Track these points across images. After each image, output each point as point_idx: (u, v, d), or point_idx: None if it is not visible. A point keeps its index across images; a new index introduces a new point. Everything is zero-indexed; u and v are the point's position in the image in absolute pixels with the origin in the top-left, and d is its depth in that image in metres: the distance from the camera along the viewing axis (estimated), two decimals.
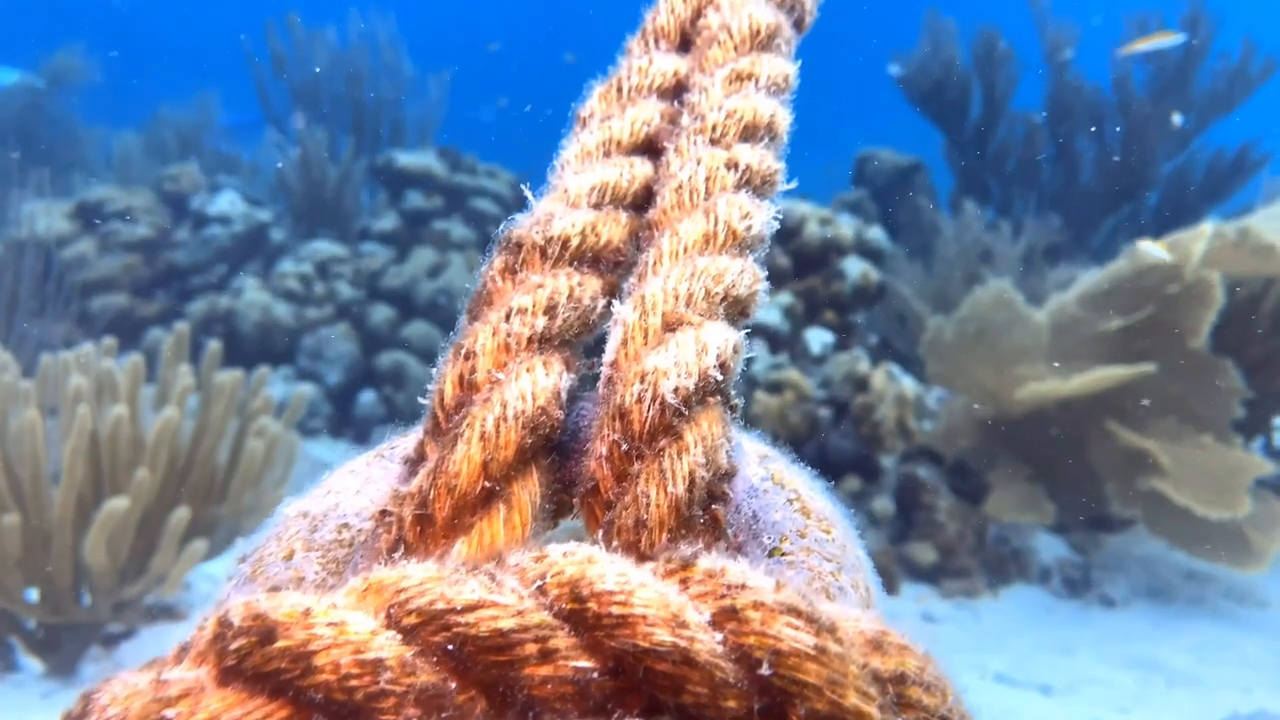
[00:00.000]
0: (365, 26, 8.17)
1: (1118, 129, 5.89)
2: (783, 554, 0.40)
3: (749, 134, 0.50)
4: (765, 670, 0.28)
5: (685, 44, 0.59)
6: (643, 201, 0.50)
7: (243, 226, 5.69)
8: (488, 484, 0.38)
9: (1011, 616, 3.79)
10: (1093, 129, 6.03)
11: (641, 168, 0.51)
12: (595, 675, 0.28)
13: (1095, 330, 3.35)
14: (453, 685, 0.28)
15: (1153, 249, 3.24)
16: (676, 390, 0.38)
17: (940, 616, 3.76)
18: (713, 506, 0.39)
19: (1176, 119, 4.59)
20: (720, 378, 0.41)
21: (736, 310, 0.44)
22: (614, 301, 0.45)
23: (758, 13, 0.55)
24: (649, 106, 0.53)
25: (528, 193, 0.53)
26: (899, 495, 3.59)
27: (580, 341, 0.45)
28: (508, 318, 0.43)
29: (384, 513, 0.40)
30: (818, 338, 3.86)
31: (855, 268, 4.26)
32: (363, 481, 0.46)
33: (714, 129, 0.49)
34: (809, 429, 3.58)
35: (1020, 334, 3.43)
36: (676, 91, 0.56)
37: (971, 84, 6.40)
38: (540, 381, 0.40)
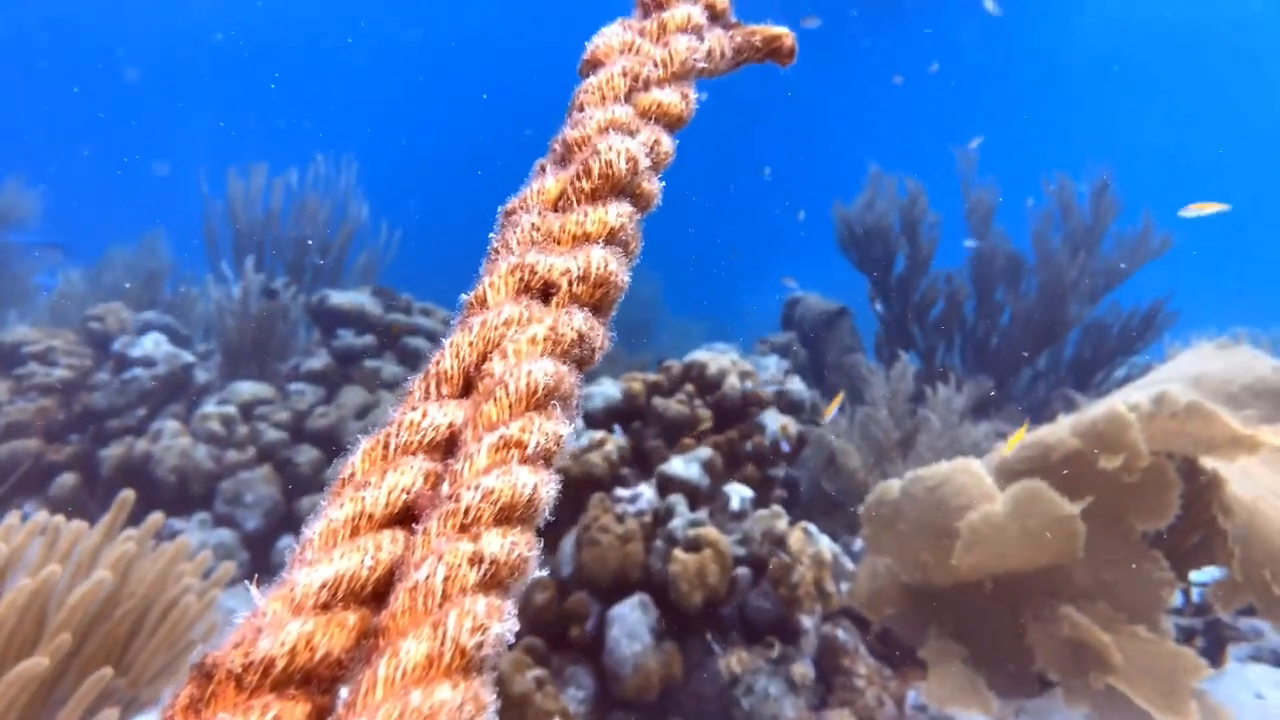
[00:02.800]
0: (325, 170, 8.33)
1: (1034, 284, 6.18)
2: None
3: (504, 517, 0.50)
4: None
5: (469, 387, 0.61)
6: (384, 588, 0.49)
7: (166, 368, 5.61)
8: None
9: None
10: (1011, 283, 6.32)
11: (390, 548, 0.50)
12: None
13: None
14: None
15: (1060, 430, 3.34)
16: None
17: None
18: None
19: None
20: None
21: None
22: None
23: (537, 371, 0.58)
24: (413, 469, 0.54)
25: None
26: (819, 659, 3.55)
27: None
28: None
29: None
30: (737, 493, 3.87)
31: (775, 421, 4.32)
32: None
33: (466, 513, 0.50)
34: (728, 589, 3.55)
35: (971, 505, 3.46)
36: (450, 445, 0.57)
37: (898, 236, 6.70)
38: None
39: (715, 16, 0.97)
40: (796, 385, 4.71)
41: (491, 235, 0.74)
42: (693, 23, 0.91)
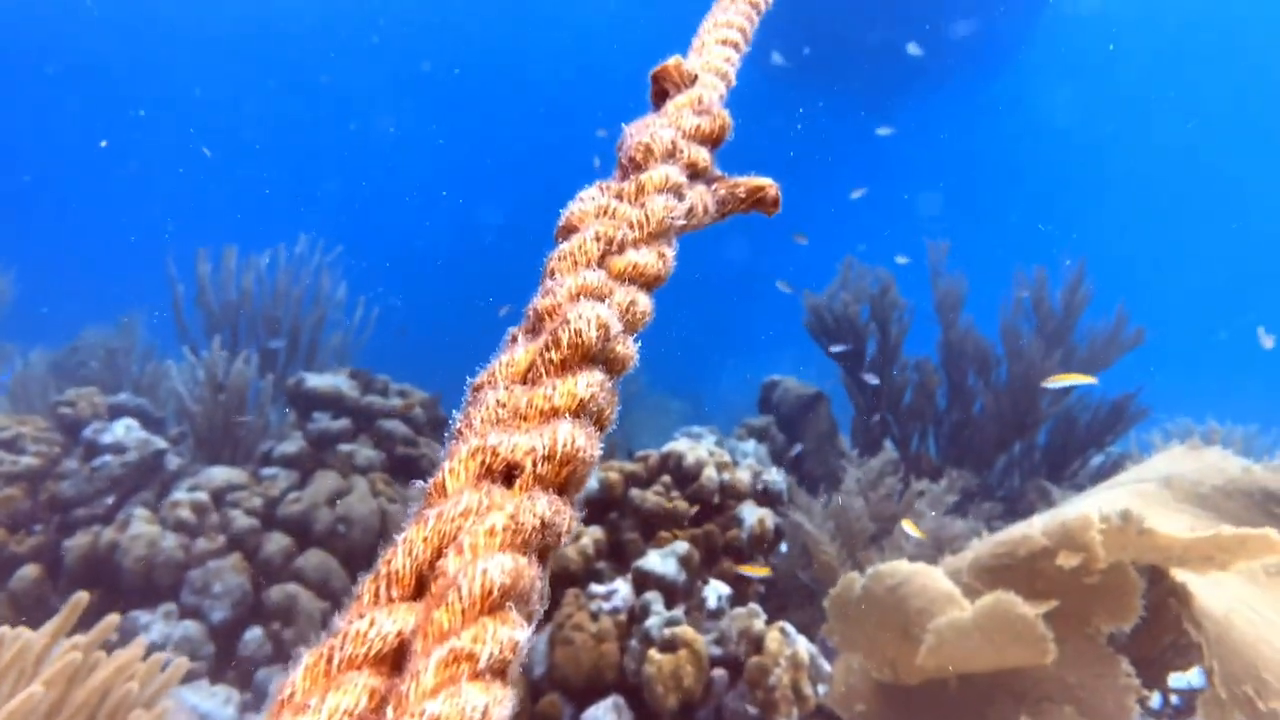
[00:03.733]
0: (304, 250, 8.37)
1: (1005, 374, 6.26)
2: None
3: None
4: None
5: (423, 587, 0.59)
6: None
7: (137, 455, 5.54)
8: None
9: None
10: (982, 373, 6.40)
11: None
12: None
13: None
14: None
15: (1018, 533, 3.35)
16: None
17: None
18: None
19: (1048, 384, 4.94)
20: None
21: None
22: None
23: (493, 569, 0.56)
24: (357, 688, 0.52)
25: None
26: None
27: None
28: None
29: None
30: (714, 590, 3.83)
31: (752, 515, 4.30)
32: None
33: None
34: (704, 691, 3.48)
35: (933, 604, 3.44)
36: (399, 656, 0.55)
37: (867, 324, 6.78)
38: None
39: (697, 174, 0.98)
40: (774, 476, 4.70)
41: (455, 414, 0.73)
42: (671, 182, 0.92)
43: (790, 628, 3.60)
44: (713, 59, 1.16)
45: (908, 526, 4.75)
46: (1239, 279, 40.20)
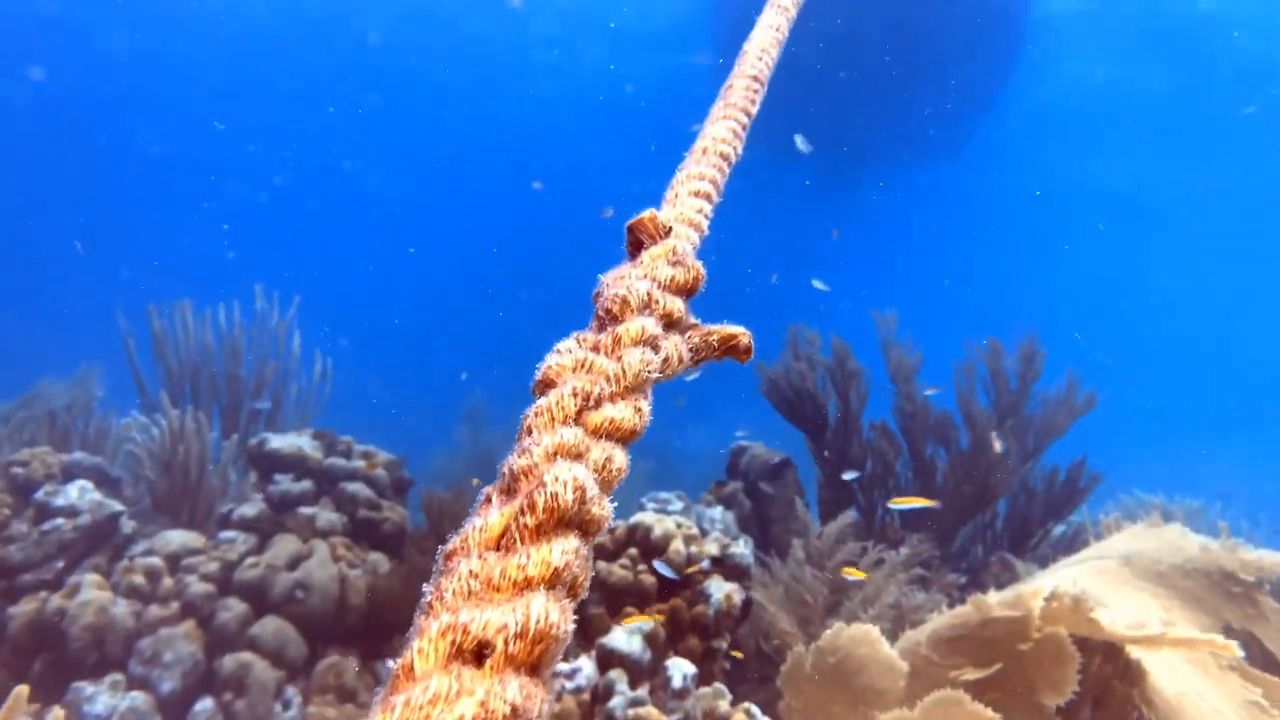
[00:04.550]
0: (263, 304, 8.30)
1: (964, 444, 6.34)
2: None
3: None
4: None
5: None
6: None
7: (90, 518, 5.41)
8: None
9: None
10: (941, 443, 6.47)
11: None
12: None
13: (948, 676, 3.39)
14: None
15: (987, 601, 3.37)
16: None
17: None
18: None
19: (998, 444, 5.00)
20: None
21: None
22: None
23: None
24: None
25: None
26: None
27: None
28: None
29: None
30: (679, 669, 3.79)
31: (719, 590, 4.28)
32: None
33: None
34: None
35: (878, 674, 3.44)
36: None
37: (825, 394, 6.84)
38: None
39: (672, 324, 0.99)
40: (741, 549, 4.70)
41: (426, 587, 0.73)
42: (647, 334, 0.93)
43: (755, 709, 3.57)
44: (686, 210, 1.20)
45: (848, 573, 4.77)
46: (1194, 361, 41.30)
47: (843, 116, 19.67)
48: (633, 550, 4.42)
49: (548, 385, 0.89)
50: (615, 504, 0.81)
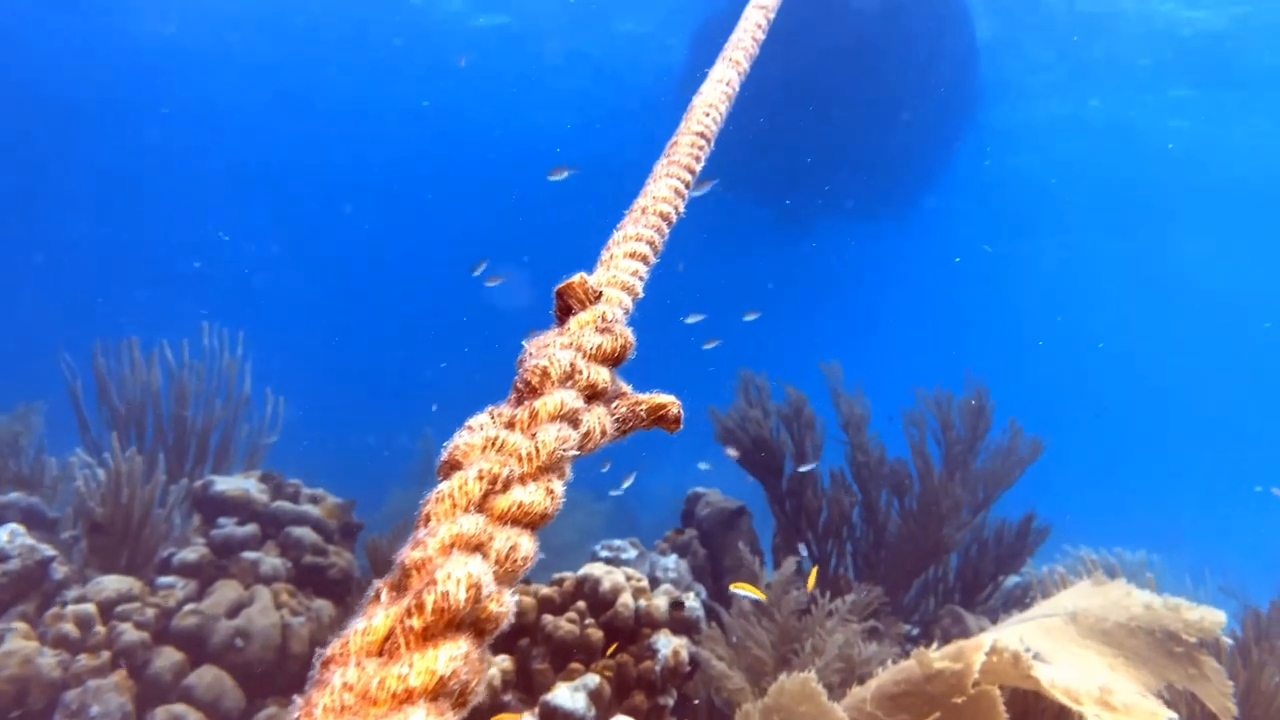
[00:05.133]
0: (210, 343, 8.15)
1: (916, 495, 6.36)
2: None
3: None
4: None
5: None
6: None
7: (19, 564, 5.22)
8: None
9: None
10: (895, 493, 6.49)
11: None
12: None
13: None
14: None
15: (928, 655, 3.35)
16: None
17: None
18: None
19: (958, 494, 5.03)
20: None
21: None
22: None
23: None
24: None
25: None
26: None
27: None
28: None
29: None
30: None
31: (667, 645, 4.22)
32: None
33: None
34: None
35: None
36: None
37: (781, 442, 6.84)
38: None
39: (596, 395, 0.95)
40: (692, 603, 4.64)
41: (295, 698, 0.68)
42: (566, 409, 0.88)
43: None
44: (619, 273, 1.15)
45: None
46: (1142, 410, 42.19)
47: (797, 170, 20.03)
48: (580, 604, 4.34)
49: (454, 467, 0.84)
50: (515, 596, 0.77)
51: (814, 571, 5.44)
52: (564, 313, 1.06)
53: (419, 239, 39.03)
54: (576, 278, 1.06)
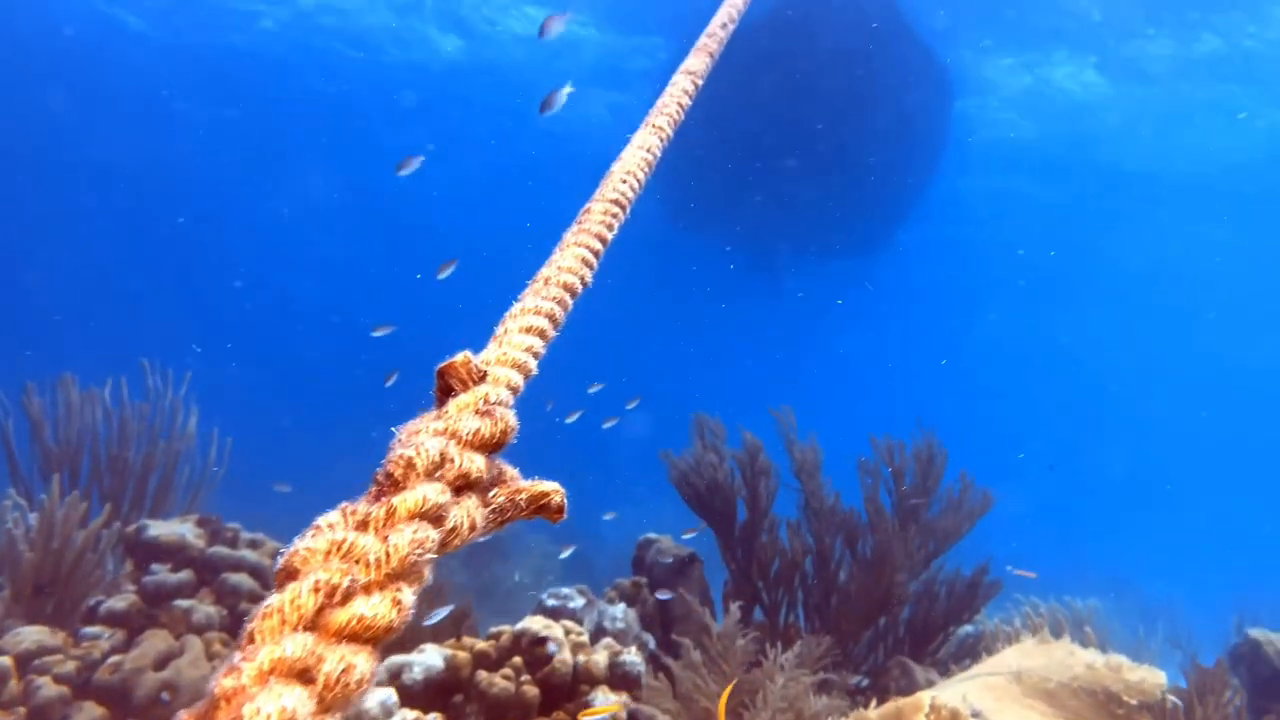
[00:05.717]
0: (153, 383, 7.93)
1: (869, 544, 6.31)
2: None
3: None
4: None
5: None
6: None
7: None
8: None
9: None
10: (846, 544, 6.44)
11: None
12: None
13: None
14: None
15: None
16: None
17: None
18: None
19: (910, 545, 4.99)
20: None
21: None
22: None
23: None
24: None
25: None
26: None
27: None
28: None
29: None
30: None
31: (605, 702, 4.11)
32: None
33: None
34: None
35: None
36: None
37: (736, 487, 6.78)
38: None
39: (469, 485, 0.87)
40: (632, 657, 4.53)
41: None
42: (428, 506, 0.79)
43: None
44: (511, 350, 1.07)
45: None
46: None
47: (761, 212, 20.22)
48: (517, 659, 4.22)
49: (290, 576, 0.75)
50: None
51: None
52: (444, 393, 0.98)
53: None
54: (460, 356, 0.98)
